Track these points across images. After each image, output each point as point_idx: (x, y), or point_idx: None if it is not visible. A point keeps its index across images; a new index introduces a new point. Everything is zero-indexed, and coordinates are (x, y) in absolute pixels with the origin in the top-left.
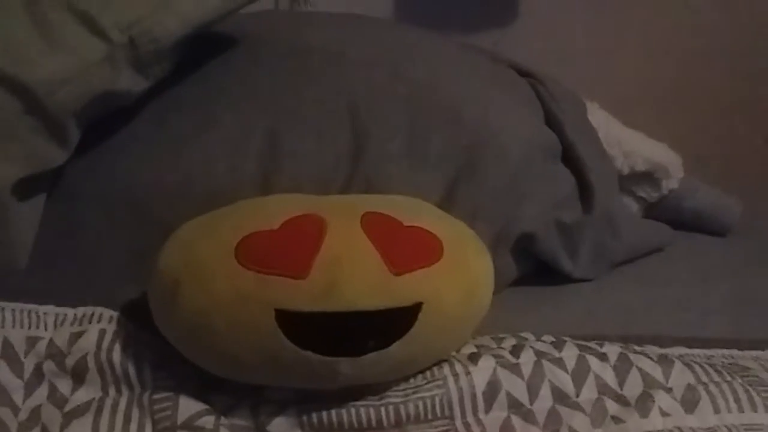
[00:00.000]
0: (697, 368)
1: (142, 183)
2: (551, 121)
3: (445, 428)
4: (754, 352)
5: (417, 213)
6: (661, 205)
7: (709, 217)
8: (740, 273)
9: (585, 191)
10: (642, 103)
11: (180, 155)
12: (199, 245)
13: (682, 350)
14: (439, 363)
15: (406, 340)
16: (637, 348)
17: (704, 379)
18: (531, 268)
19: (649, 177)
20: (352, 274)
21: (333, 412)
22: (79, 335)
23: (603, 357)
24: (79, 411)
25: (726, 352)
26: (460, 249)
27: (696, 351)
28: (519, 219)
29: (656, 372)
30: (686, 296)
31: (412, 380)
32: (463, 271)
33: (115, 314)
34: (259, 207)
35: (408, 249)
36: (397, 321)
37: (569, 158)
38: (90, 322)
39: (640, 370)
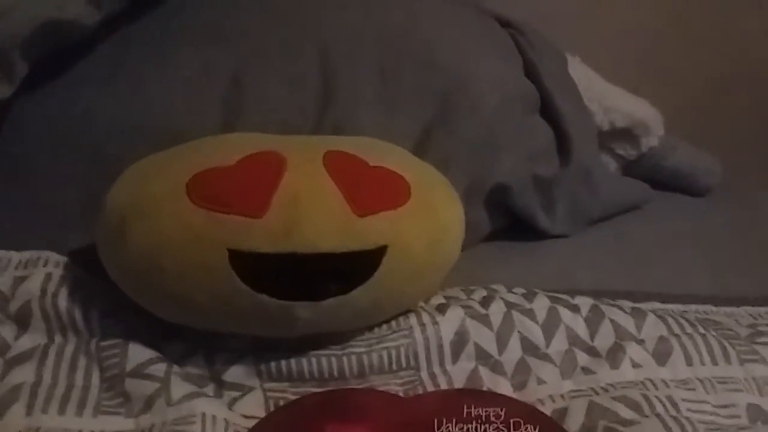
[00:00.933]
0: (671, 320)
1: (97, 122)
2: (530, 72)
3: (410, 379)
4: (728, 308)
5: (384, 154)
6: (640, 163)
7: (688, 177)
8: (718, 233)
9: (563, 144)
10: (624, 59)
11: (138, 95)
12: (147, 182)
13: (656, 305)
14: (405, 313)
15: (370, 285)
16: (609, 301)
17: (677, 331)
18: (504, 223)
19: (628, 134)
20: (312, 213)
21: (293, 361)
22: (23, 279)
23: (575, 308)
24: (22, 358)
25: (701, 307)
26: (428, 193)
27: (670, 306)
28: (494, 170)
29: (628, 323)
30: (662, 254)
31: (376, 330)
32: (431, 216)
33: (62, 259)
34: (214, 144)
35: (373, 190)
36: (360, 265)
37: (547, 110)
38: (35, 266)
39: (612, 321)
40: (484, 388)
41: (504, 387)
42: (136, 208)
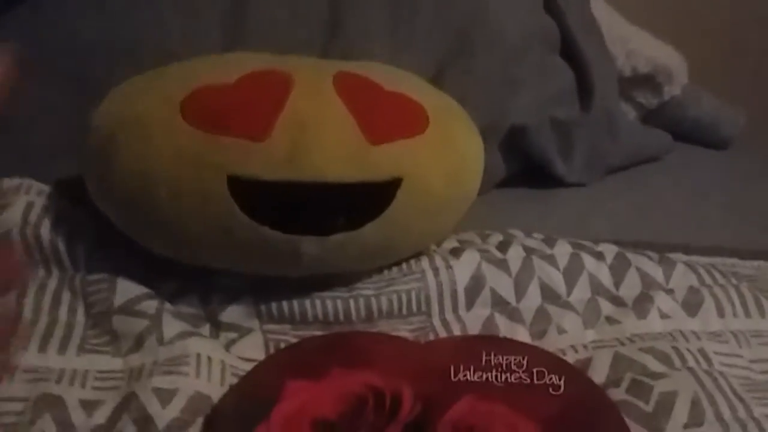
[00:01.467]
0: (702, 270)
1: (83, 44)
2: (551, 9)
3: (421, 325)
4: (756, 262)
5: (400, 80)
6: (661, 113)
7: (710, 128)
8: (739, 184)
9: (584, 87)
10: (647, 2)
11: (129, 15)
12: (138, 99)
13: (681, 257)
14: (417, 256)
15: (381, 221)
16: (635, 249)
17: (708, 281)
18: (519, 167)
19: (650, 81)
20: (320, 138)
21: (295, 302)
22: (3, 208)
23: (599, 256)
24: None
25: (727, 260)
26: (448, 123)
27: (695, 258)
28: (510, 110)
29: (656, 273)
30: (683, 205)
31: (386, 272)
32: (450, 148)
33: (45, 188)
34: (213, 62)
35: (388, 116)
36: (372, 197)
37: (569, 51)
38: (16, 195)
39: (638, 270)
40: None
41: (522, 335)
42: (124, 127)
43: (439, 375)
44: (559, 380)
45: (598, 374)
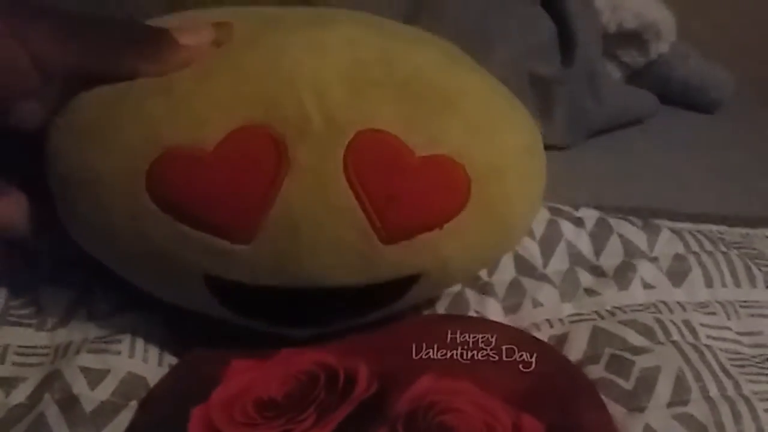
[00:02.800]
0: (688, 236)
1: None
2: None
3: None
4: (744, 230)
5: (442, 113)
6: (647, 73)
7: (698, 91)
8: (728, 151)
9: (566, 42)
10: None
11: None
12: (95, 146)
13: (666, 223)
14: None
15: (390, 308)
16: (618, 214)
17: (695, 248)
18: None
19: (637, 38)
20: (316, 244)
21: None
22: None
23: (578, 222)
24: None
25: (714, 227)
26: (496, 184)
27: (680, 225)
28: (486, 62)
29: (640, 239)
30: (668, 170)
31: None
32: (493, 222)
33: None
34: (186, 85)
35: (413, 201)
36: (381, 294)
37: (550, 1)
38: None
39: (621, 236)
40: (471, 312)
41: (493, 309)
42: (79, 184)
43: (400, 353)
44: (530, 357)
45: (575, 350)
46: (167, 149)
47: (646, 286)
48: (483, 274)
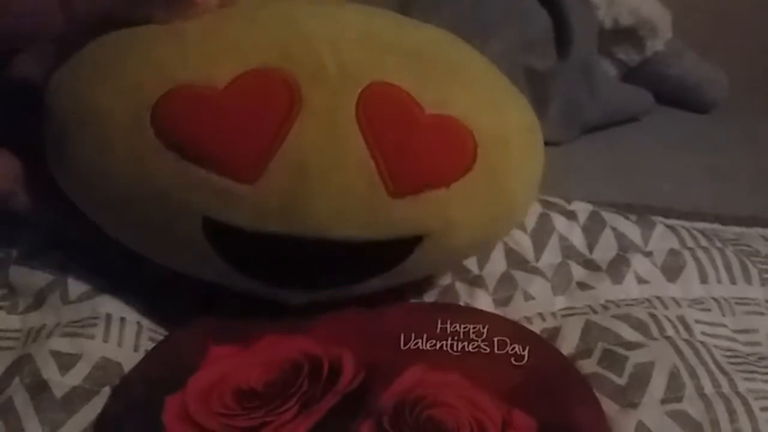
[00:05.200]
0: (683, 232)
1: None
2: None
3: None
4: (738, 228)
5: (451, 79)
6: (642, 70)
7: (693, 89)
8: (722, 150)
9: (562, 36)
10: None
11: None
12: (101, 80)
13: (660, 220)
14: None
15: (391, 274)
16: (612, 208)
17: (690, 244)
18: None
19: (632, 35)
20: (325, 187)
21: None
22: None
23: (571, 215)
24: None
25: (708, 226)
26: (501, 152)
27: (675, 222)
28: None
29: (634, 233)
30: (663, 169)
31: None
32: (495, 191)
33: None
34: (198, 32)
35: (422, 156)
36: (383, 254)
37: None
38: None
39: (614, 230)
40: (460, 303)
41: (483, 301)
42: (78, 118)
43: (387, 343)
44: (523, 350)
45: (568, 344)
46: (175, 86)
47: (641, 280)
48: (473, 266)
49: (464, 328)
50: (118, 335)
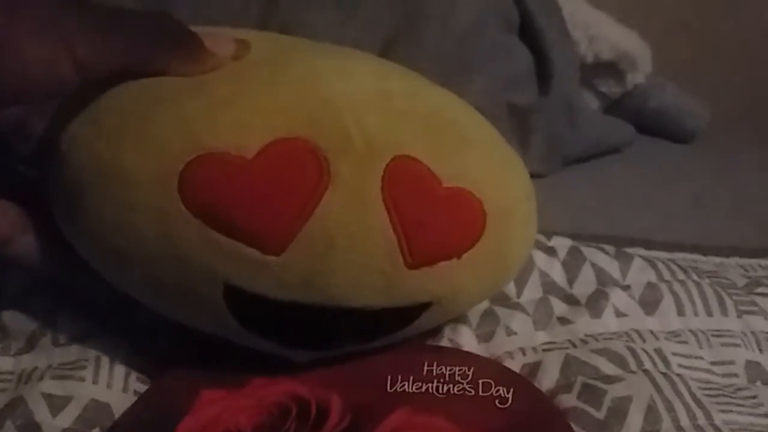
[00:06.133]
0: (660, 265)
1: None
2: None
3: None
4: (717, 259)
5: (464, 149)
6: (623, 103)
7: (674, 120)
8: (702, 180)
9: (543, 71)
10: None
11: None
12: (127, 139)
13: (641, 252)
14: None
15: (396, 335)
16: (591, 243)
17: (667, 277)
18: None
19: (613, 68)
20: (348, 262)
21: None
22: None
23: (551, 251)
24: None
25: (688, 256)
26: (505, 224)
27: (655, 254)
28: (464, 93)
29: (612, 268)
30: (644, 200)
31: None
32: (500, 261)
33: None
34: (226, 89)
35: (438, 230)
36: (394, 319)
37: (528, 31)
38: None
39: (593, 265)
40: (444, 340)
41: (466, 337)
42: (101, 173)
43: (374, 385)
44: (507, 393)
45: (548, 379)
46: (205, 152)
47: (619, 314)
48: None
49: (450, 370)
50: (108, 377)
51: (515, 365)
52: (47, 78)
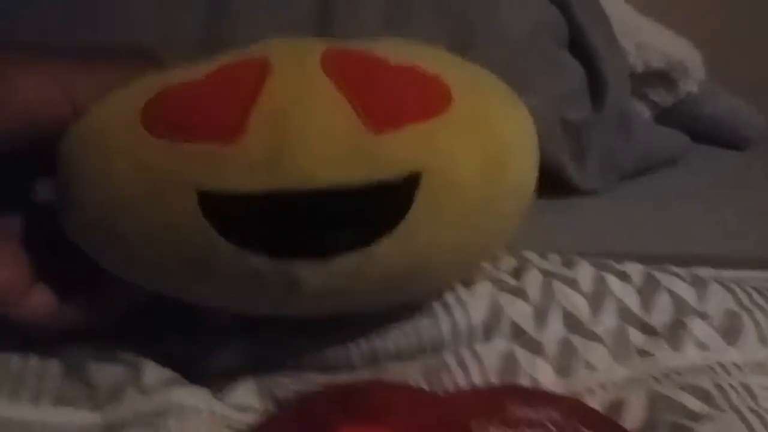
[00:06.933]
0: (738, 290)
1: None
2: (557, 1)
3: (432, 364)
4: None
5: (414, 52)
6: (675, 111)
7: (729, 128)
8: (759, 188)
9: (596, 85)
10: None
11: (93, 6)
12: (97, 111)
13: (710, 271)
14: None
15: (399, 233)
16: (666, 267)
17: (746, 302)
18: None
19: (664, 77)
20: (306, 130)
21: (289, 345)
22: None
23: (624, 277)
24: None
25: (758, 274)
26: (478, 98)
27: (725, 273)
28: None
29: (689, 295)
30: (705, 212)
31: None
32: (483, 128)
33: None
34: (184, 66)
35: (394, 95)
36: (383, 202)
37: (578, 45)
38: None
39: (670, 292)
40: (522, 374)
41: (544, 371)
42: (82, 146)
43: (459, 430)
44: None
45: (633, 418)
46: (160, 89)
47: (700, 345)
48: (530, 329)
49: (535, 413)
50: (195, 424)
51: (597, 403)
52: (50, 122)
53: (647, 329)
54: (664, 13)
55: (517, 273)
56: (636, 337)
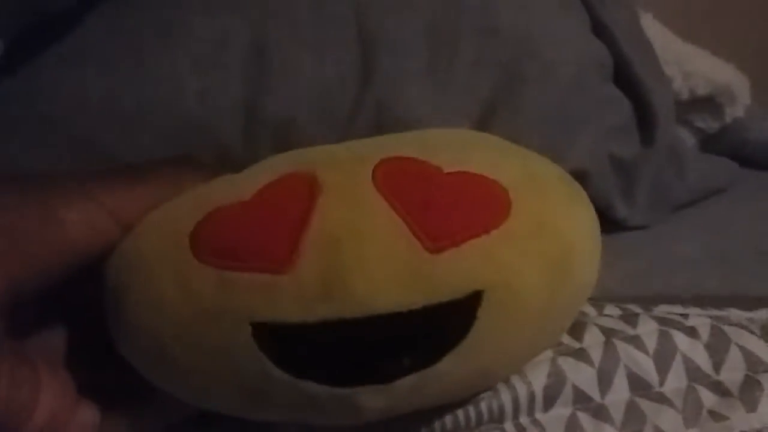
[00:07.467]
0: None
1: (88, 107)
2: (600, 32)
3: None
4: None
5: (465, 149)
6: (721, 137)
7: None
8: None
9: (645, 119)
10: (704, 16)
11: (137, 72)
12: (144, 232)
13: None
14: None
15: (464, 349)
16: (736, 317)
17: None
18: None
19: (710, 103)
20: (361, 257)
21: None
22: None
23: (691, 332)
24: None
25: None
26: (538, 199)
27: None
28: (569, 152)
29: (761, 349)
30: (762, 244)
31: None
32: (546, 233)
33: None
34: (229, 179)
35: (451, 210)
36: (445, 322)
37: (624, 78)
38: None
39: (740, 348)
40: None
41: None
42: (130, 273)
43: None
44: None
45: None
46: (207, 212)
47: None
48: (594, 393)
49: None
50: None
51: None
52: (92, 238)
53: (719, 389)
54: (702, 38)
55: (575, 332)
56: (707, 397)
